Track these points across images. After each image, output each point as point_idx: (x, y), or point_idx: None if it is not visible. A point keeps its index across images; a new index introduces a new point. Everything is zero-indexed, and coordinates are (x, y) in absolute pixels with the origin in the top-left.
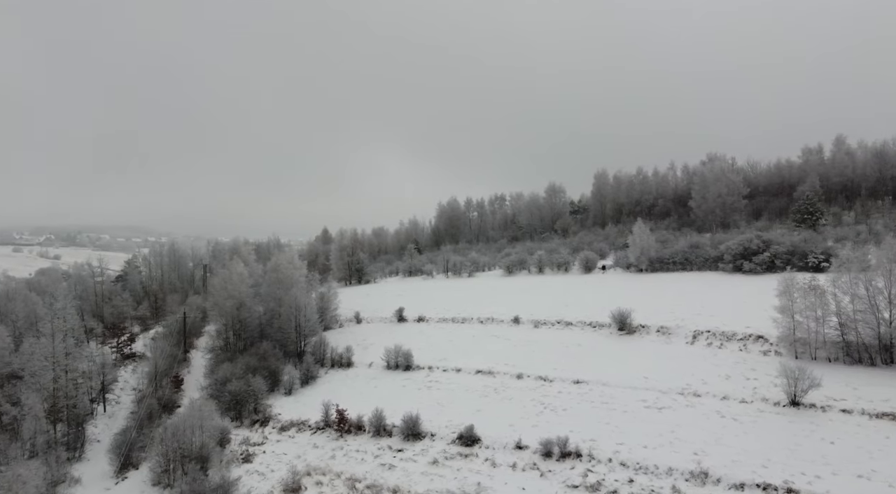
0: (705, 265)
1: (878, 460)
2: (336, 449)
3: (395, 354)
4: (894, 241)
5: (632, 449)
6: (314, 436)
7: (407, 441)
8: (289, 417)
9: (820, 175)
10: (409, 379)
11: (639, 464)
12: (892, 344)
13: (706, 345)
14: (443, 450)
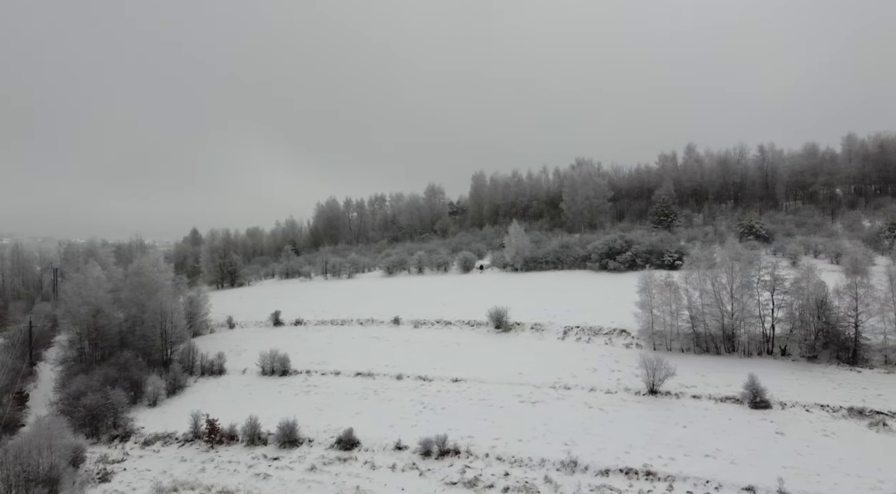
0: (575, 264)
1: (721, 440)
2: (206, 462)
3: (271, 359)
4: (735, 241)
5: (508, 443)
6: (182, 449)
7: (283, 449)
8: (153, 430)
9: (674, 180)
10: (285, 384)
11: (514, 457)
12: (734, 334)
13: (576, 340)
14: (321, 456)
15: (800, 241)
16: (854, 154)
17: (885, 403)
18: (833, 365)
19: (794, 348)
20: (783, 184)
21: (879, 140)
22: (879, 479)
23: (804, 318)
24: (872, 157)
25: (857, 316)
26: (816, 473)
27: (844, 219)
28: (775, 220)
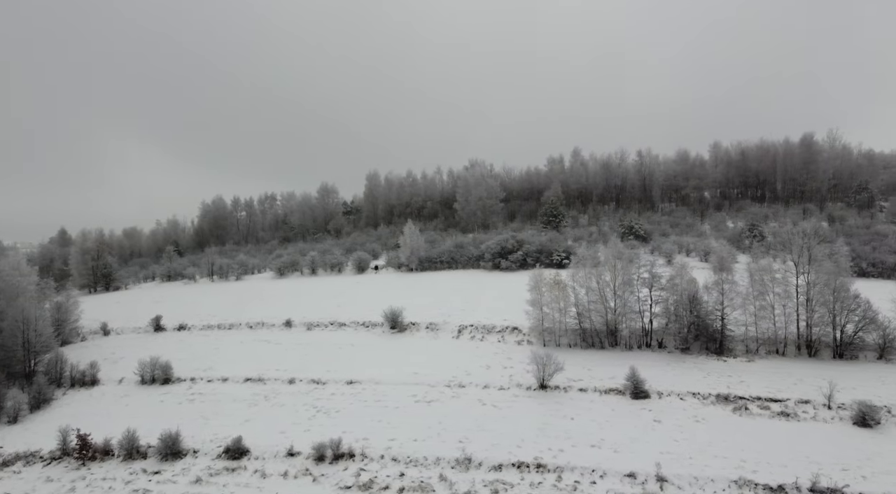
0: (469, 263)
1: (606, 430)
2: (77, 480)
3: (152, 367)
4: (617, 241)
5: (403, 444)
6: (48, 469)
7: (165, 462)
8: (14, 449)
9: (562, 182)
10: (168, 393)
11: (409, 458)
12: (617, 329)
13: (470, 339)
14: (207, 467)
15: (674, 241)
16: (719, 160)
17: (746, 389)
18: (703, 355)
19: (669, 341)
20: (659, 187)
21: (741, 147)
22: (742, 459)
23: (678, 313)
24: (735, 164)
25: (723, 310)
26: (689, 457)
27: (712, 220)
28: (652, 221)
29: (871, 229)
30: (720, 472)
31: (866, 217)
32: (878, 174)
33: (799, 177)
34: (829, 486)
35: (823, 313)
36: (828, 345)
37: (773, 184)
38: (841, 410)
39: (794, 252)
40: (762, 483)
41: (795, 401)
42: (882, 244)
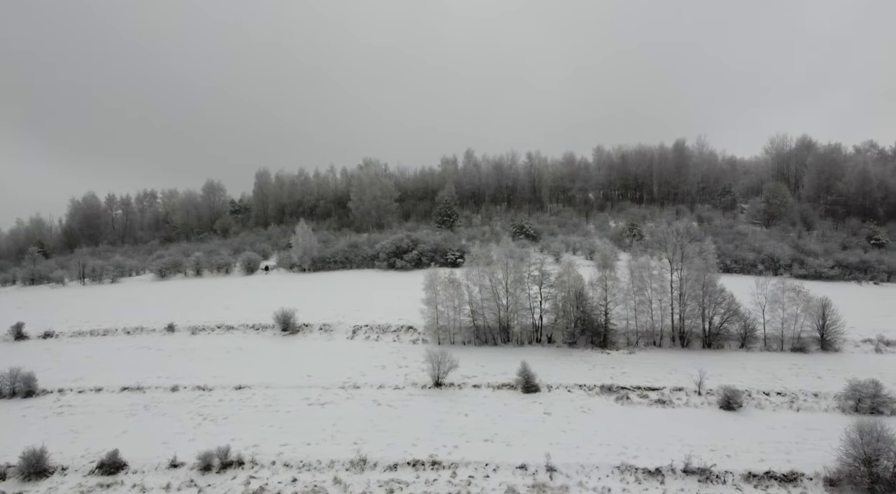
0: (364, 263)
1: (499, 424)
2: None
3: (11, 379)
4: (509, 240)
5: (296, 449)
6: None
7: (29, 482)
8: None
9: (456, 182)
10: (31, 407)
11: (302, 462)
12: (509, 326)
13: (365, 339)
14: (78, 484)
15: (562, 240)
16: (602, 163)
17: (628, 379)
18: (589, 348)
19: (558, 335)
20: (548, 188)
21: (621, 152)
22: (624, 445)
23: (566, 308)
24: (616, 167)
25: (606, 305)
26: (577, 446)
27: (596, 220)
28: (542, 221)
29: (734, 229)
30: (604, 459)
31: (730, 218)
32: (739, 178)
33: (672, 180)
34: (700, 466)
35: (694, 306)
36: (698, 336)
37: (650, 187)
38: (710, 396)
39: (669, 250)
40: (642, 467)
41: (671, 389)
42: (743, 242)
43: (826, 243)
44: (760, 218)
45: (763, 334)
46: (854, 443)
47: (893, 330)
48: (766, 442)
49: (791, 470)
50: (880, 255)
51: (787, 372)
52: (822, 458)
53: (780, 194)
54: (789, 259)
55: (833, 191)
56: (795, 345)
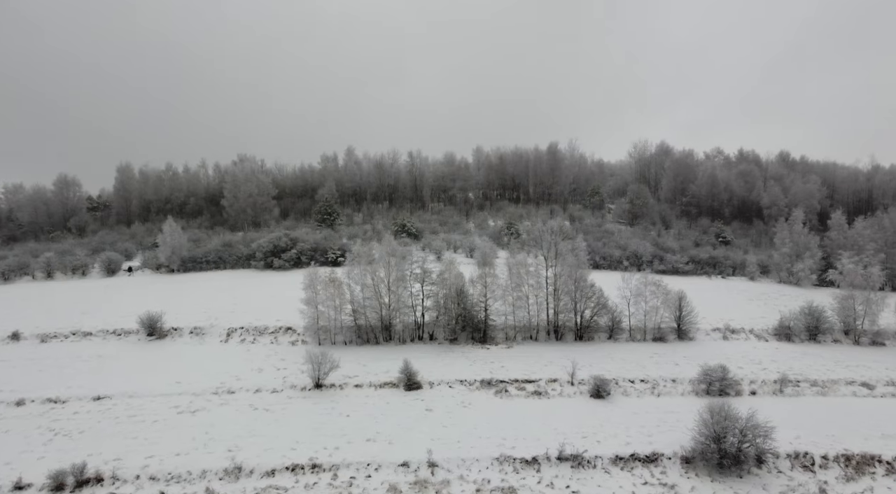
0: (239, 263)
1: (381, 423)
2: None
3: None
4: (391, 238)
5: (163, 460)
6: None
7: None
8: None
9: (336, 180)
10: None
11: (171, 474)
12: (391, 324)
13: (240, 342)
14: None
15: (443, 238)
16: (481, 164)
17: (506, 373)
18: (469, 345)
19: (439, 332)
20: (429, 187)
21: (499, 153)
22: (503, 437)
23: (447, 305)
24: (495, 167)
25: (486, 301)
26: (458, 440)
27: (476, 219)
28: (423, 220)
29: (602, 228)
30: (484, 451)
31: (598, 217)
32: (606, 180)
33: (547, 181)
34: (573, 452)
35: (567, 301)
36: (571, 329)
37: (526, 187)
38: (581, 385)
39: (544, 247)
40: (519, 456)
41: (546, 381)
42: (610, 240)
43: (682, 241)
44: (625, 217)
45: (628, 326)
46: (706, 423)
47: (738, 320)
48: (631, 427)
49: (653, 452)
50: (727, 252)
51: (650, 360)
52: (679, 439)
53: (642, 195)
54: (651, 255)
55: (687, 193)
56: (656, 335)
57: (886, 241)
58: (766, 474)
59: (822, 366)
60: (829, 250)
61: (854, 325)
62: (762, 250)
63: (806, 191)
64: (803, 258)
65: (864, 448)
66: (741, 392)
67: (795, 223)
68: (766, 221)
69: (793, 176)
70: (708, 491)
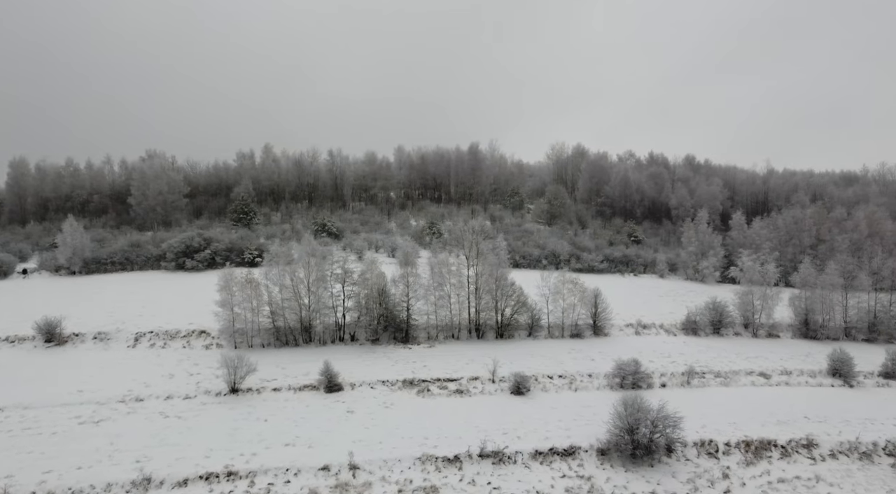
0: (147, 264)
1: (301, 427)
2: None
3: None
4: (310, 238)
5: (63, 475)
6: None
7: None
8: None
9: (253, 178)
10: None
11: (71, 490)
12: (311, 326)
13: (149, 347)
14: None
15: (364, 238)
16: (403, 163)
17: (429, 372)
18: (391, 345)
19: (361, 333)
20: (350, 186)
21: (421, 153)
22: (425, 436)
23: (369, 306)
24: (416, 167)
25: (408, 301)
26: (380, 441)
27: (398, 218)
28: (344, 219)
29: (522, 227)
30: (406, 452)
31: (518, 217)
32: (525, 181)
33: (468, 181)
34: (494, 449)
35: (488, 299)
36: (492, 327)
37: (447, 187)
38: (502, 383)
39: (466, 247)
40: (442, 455)
41: (468, 379)
42: (529, 240)
43: (597, 240)
44: (544, 217)
45: (547, 323)
46: (620, 416)
47: (649, 316)
48: (550, 422)
49: (570, 445)
50: (638, 250)
51: (567, 356)
52: (595, 432)
53: (559, 196)
54: (568, 254)
55: (602, 193)
56: (574, 332)
57: (780, 240)
58: (675, 462)
59: (724, 358)
60: (730, 248)
61: (753, 319)
62: (671, 249)
63: (710, 193)
64: (708, 256)
65: (761, 434)
66: (652, 384)
67: (700, 223)
68: (674, 221)
69: (698, 178)
70: (622, 481)
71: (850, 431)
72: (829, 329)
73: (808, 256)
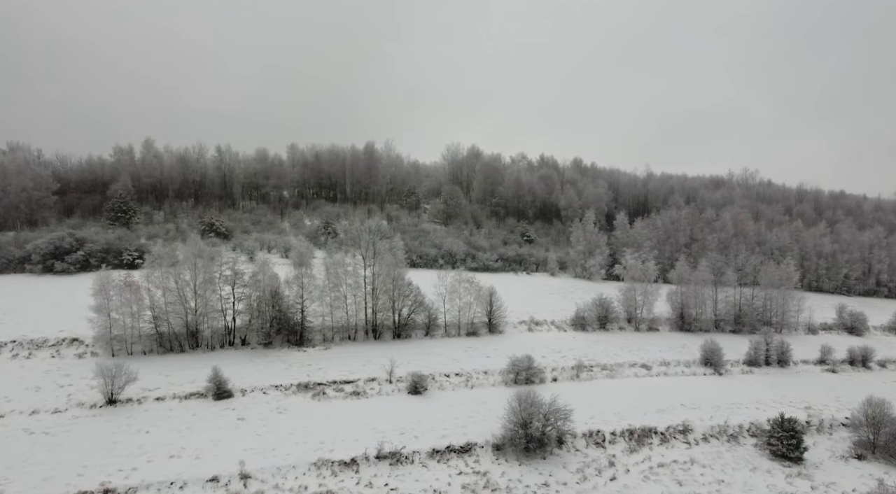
0: (10, 267)
1: (186, 437)
2: None
3: None
4: (197, 238)
5: None
6: None
7: None
8: None
9: (132, 175)
10: None
11: None
12: (198, 330)
13: (11, 357)
14: None
15: (256, 238)
16: (296, 161)
17: (324, 375)
18: (285, 348)
19: (253, 337)
20: (240, 184)
21: (315, 151)
22: (321, 441)
23: (261, 308)
24: (311, 165)
25: (303, 303)
26: (272, 448)
27: (291, 218)
28: (234, 219)
29: (419, 227)
30: (301, 457)
31: (415, 217)
32: (422, 181)
33: (364, 180)
34: (391, 450)
35: (386, 300)
36: (389, 328)
37: (343, 186)
38: (399, 383)
39: (363, 247)
40: (338, 459)
41: (365, 380)
42: (426, 239)
43: (492, 239)
44: (440, 217)
45: (444, 322)
46: (514, 411)
47: (541, 312)
48: (447, 420)
49: (467, 442)
50: (531, 250)
51: (464, 354)
52: (490, 428)
53: (455, 196)
54: (464, 254)
55: (496, 194)
56: (470, 330)
57: (659, 239)
58: (566, 453)
59: (610, 352)
60: (615, 247)
61: (635, 314)
62: (561, 248)
63: (596, 195)
64: (594, 255)
65: (644, 423)
66: (545, 379)
67: (588, 223)
68: (563, 221)
69: (585, 180)
70: (516, 475)
71: (720, 415)
72: (702, 321)
73: (683, 254)
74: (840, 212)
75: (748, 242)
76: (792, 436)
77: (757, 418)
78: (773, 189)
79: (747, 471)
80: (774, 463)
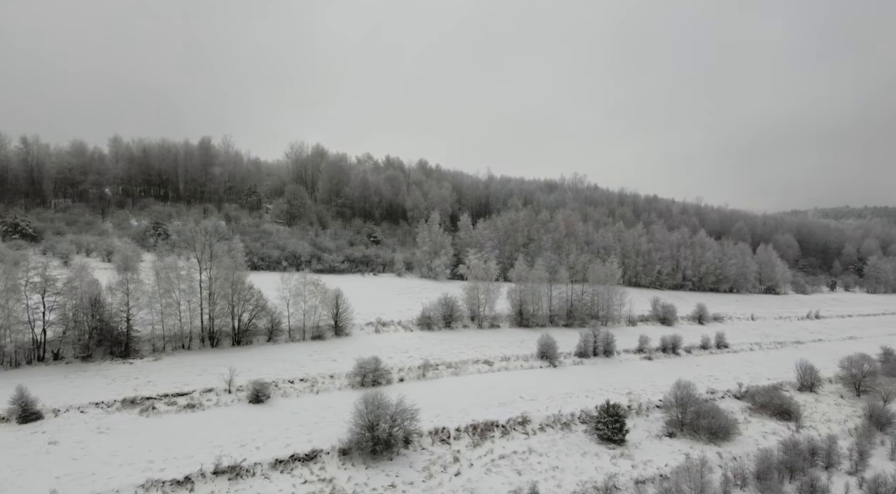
0: None
1: None
2: None
3: None
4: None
5: None
6: None
7: None
8: None
9: None
10: None
11: None
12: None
13: None
14: None
15: (71, 240)
16: (121, 156)
17: (154, 388)
18: (108, 361)
19: (68, 350)
20: (51, 180)
21: (143, 145)
22: (150, 460)
23: (78, 318)
24: (137, 161)
25: (129, 311)
26: (92, 473)
27: (115, 218)
28: (44, 218)
29: (261, 228)
30: (126, 480)
31: (256, 217)
32: (264, 180)
33: (199, 178)
34: (231, 464)
35: (224, 305)
36: (228, 334)
37: (175, 184)
38: (240, 392)
39: (198, 249)
40: (170, 478)
41: (200, 391)
42: (269, 241)
43: (338, 240)
44: (284, 217)
45: (288, 326)
46: (361, 414)
47: (388, 313)
48: (291, 428)
49: (312, 449)
50: (378, 250)
51: (309, 359)
52: (337, 432)
53: (299, 196)
54: (309, 255)
55: (342, 195)
56: (315, 334)
57: (500, 239)
58: (413, 452)
59: (455, 350)
60: (459, 247)
61: (478, 312)
62: (407, 248)
63: (441, 196)
64: (440, 255)
65: (486, 417)
66: (392, 380)
67: (433, 224)
68: (410, 222)
69: (430, 182)
70: (363, 479)
71: (555, 406)
72: (539, 317)
73: (521, 253)
74: (654, 215)
75: (578, 242)
76: (616, 421)
77: (587, 405)
78: (598, 192)
79: (578, 456)
80: (602, 447)
